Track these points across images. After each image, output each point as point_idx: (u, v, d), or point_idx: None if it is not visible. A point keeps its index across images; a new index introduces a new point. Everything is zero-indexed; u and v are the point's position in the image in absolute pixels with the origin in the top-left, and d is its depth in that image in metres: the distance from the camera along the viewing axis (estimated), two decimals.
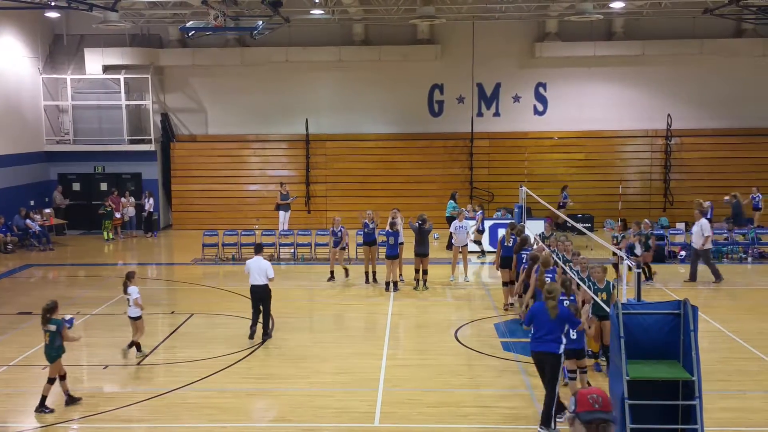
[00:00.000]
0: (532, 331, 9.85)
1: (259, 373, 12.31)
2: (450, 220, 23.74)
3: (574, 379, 10.73)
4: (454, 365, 12.57)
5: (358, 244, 20.01)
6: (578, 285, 12.17)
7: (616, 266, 17.12)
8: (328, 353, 13.30)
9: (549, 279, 13.02)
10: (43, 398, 10.68)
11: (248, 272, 14.10)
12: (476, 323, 15.37)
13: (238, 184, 29.17)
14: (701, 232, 19.10)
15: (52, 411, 10.58)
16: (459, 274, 19.74)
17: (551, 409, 9.59)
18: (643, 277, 17.78)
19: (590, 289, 11.96)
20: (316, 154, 29.00)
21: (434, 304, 17.24)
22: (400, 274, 19.25)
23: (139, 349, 13.14)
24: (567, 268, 12.76)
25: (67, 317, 11.18)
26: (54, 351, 10.87)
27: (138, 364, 12.72)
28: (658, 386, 8.79)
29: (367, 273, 18.39)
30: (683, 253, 22.15)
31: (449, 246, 23.27)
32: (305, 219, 28.54)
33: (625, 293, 10.53)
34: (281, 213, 25.90)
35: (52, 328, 10.85)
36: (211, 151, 29.14)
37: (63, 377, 10.94)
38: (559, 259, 13.74)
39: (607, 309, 11.18)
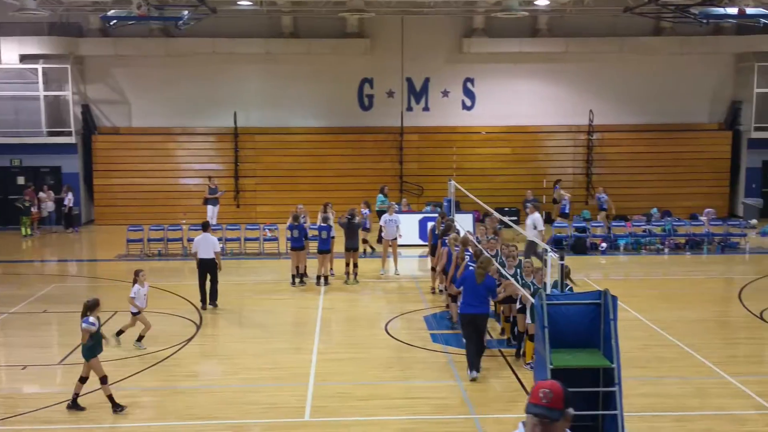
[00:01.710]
0: (462, 297, 11.85)
1: (187, 370, 12.19)
2: (380, 214, 23.88)
3: None
4: (384, 358, 12.71)
5: (288, 239, 19.91)
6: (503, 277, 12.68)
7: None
8: (258, 349, 13.27)
9: (468, 256, 13.73)
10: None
11: (196, 249, 16.09)
12: (406, 316, 15.55)
13: (163, 177, 28.67)
14: (533, 226, 19.19)
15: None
16: (389, 267, 19.93)
17: (480, 357, 11.79)
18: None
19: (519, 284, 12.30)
20: (245, 147, 28.74)
21: (365, 298, 17.36)
22: (331, 268, 19.32)
23: (140, 339, 13.33)
24: (509, 276, 12.90)
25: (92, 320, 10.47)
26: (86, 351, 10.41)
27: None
28: (581, 374, 9.11)
29: (294, 275, 18.29)
30: (604, 245, 22.84)
31: (379, 239, 23.44)
32: (234, 213, 28.25)
33: (549, 284, 10.85)
34: (209, 207, 25.59)
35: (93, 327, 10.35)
36: (136, 144, 28.54)
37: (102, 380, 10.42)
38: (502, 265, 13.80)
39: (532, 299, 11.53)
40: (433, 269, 17.17)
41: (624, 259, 22.52)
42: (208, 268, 16.09)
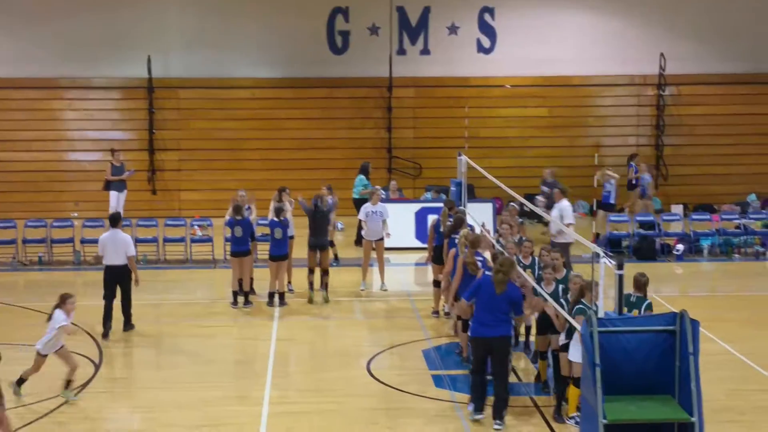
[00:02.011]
0: (475, 312, 12.15)
1: (78, 430, 12.18)
2: (359, 203, 23.91)
3: None
4: (366, 410, 12.70)
5: (227, 239, 19.89)
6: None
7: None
8: (185, 397, 13.24)
9: (480, 261, 13.82)
10: None
11: (102, 250, 16.32)
12: (398, 350, 15.54)
13: (45, 152, 28.57)
14: (560, 219, 19.19)
15: None
16: (373, 279, 19.93)
17: (507, 399, 11.97)
18: None
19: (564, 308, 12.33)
20: (164, 108, 28.66)
21: (338, 324, 17.34)
22: (289, 282, 19.30)
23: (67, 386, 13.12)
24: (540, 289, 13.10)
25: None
26: None
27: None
28: (647, 430, 9.21)
29: (236, 292, 18.29)
30: (680, 246, 22.99)
31: (359, 240, 23.45)
32: (149, 203, 28.18)
33: (602, 304, 10.94)
34: (113, 194, 25.45)
35: None
36: (4, 102, 28.39)
37: None
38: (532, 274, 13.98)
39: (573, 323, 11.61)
40: (437, 283, 17.21)
41: (709, 268, 22.67)
42: (117, 278, 16.26)
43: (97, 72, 28.78)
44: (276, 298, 18.23)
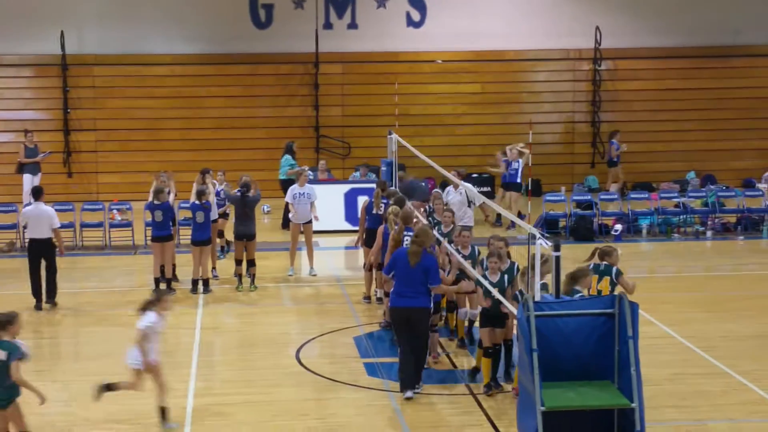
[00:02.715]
0: (394, 285, 12.62)
1: None
2: (286, 184, 23.78)
3: None
4: (296, 401, 12.66)
5: (148, 224, 19.64)
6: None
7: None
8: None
9: (409, 237, 13.78)
10: None
11: (25, 224, 17.31)
12: (328, 338, 15.52)
13: None
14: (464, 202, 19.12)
15: None
16: (301, 264, 19.89)
17: (421, 369, 12.66)
18: None
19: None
20: (79, 86, 28.30)
21: (265, 311, 17.25)
22: (214, 267, 19.15)
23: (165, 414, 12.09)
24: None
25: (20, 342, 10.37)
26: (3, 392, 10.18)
27: None
28: (586, 418, 9.27)
29: (158, 279, 18.05)
30: (618, 227, 23.21)
31: (285, 224, 23.33)
32: (64, 186, 27.79)
33: (538, 286, 10.97)
34: (26, 177, 25.12)
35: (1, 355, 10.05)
36: None
37: None
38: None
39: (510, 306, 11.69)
40: (370, 267, 17.18)
41: (648, 248, 22.95)
42: (42, 252, 17.01)
43: (8, 48, 28.29)
44: (200, 285, 18.08)
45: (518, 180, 24.11)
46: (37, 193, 17.45)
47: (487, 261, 12.96)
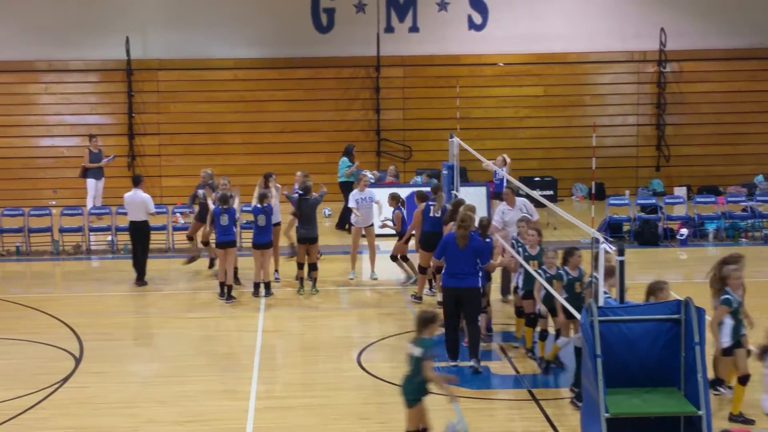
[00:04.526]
0: (445, 266, 13.66)
1: (60, 425, 12.11)
2: (345, 186, 23.83)
3: None
4: (357, 404, 12.67)
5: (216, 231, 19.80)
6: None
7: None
8: (166, 393, 13.19)
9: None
10: None
11: (126, 208, 19.13)
12: (389, 341, 15.50)
13: (21, 137, 28.58)
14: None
15: None
16: (362, 268, 19.93)
17: (477, 345, 13.64)
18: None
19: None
20: (144, 90, 28.60)
21: (327, 315, 17.28)
22: (276, 270, 19.23)
23: None
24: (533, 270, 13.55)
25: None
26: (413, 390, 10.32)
27: None
28: (651, 425, 9.16)
29: (222, 284, 18.13)
30: (684, 231, 22.97)
31: (341, 224, 23.43)
32: (128, 190, 27.98)
33: (602, 291, 10.87)
34: (91, 182, 25.42)
35: (417, 352, 10.20)
36: None
37: None
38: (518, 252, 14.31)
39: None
40: (423, 269, 17.31)
41: (715, 253, 22.57)
42: (137, 234, 18.97)
43: (74, 54, 28.71)
44: (261, 288, 18.15)
45: (500, 190, 22.12)
46: (136, 180, 19.50)
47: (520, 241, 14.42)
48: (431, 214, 17.23)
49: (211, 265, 19.91)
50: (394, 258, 18.87)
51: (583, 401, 9.90)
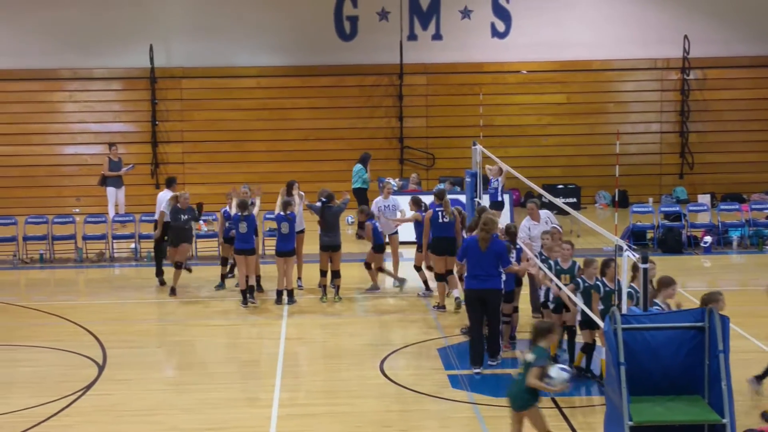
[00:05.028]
0: (468, 269, 14.09)
1: None
2: (359, 193, 23.86)
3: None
4: (379, 412, 12.67)
5: (225, 234, 19.80)
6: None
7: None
8: (190, 400, 13.25)
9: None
10: None
11: (160, 206, 19.69)
12: (412, 349, 15.51)
13: (45, 144, 28.69)
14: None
15: None
16: (385, 275, 19.87)
17: (498, 345, 14.34)
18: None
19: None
20: (167, 98, 28.70)
21: (349, 322, 17.30)
22: (299, 278, 19.26)
23: None
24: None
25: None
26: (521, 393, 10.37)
27: None
28: None
29: (244, 291, 18.18)
30: (708, 239, 22.87)
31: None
32: (152, 197, 27.95)
33: (625, 298, 10.85)
34: (110, 190, 25.44)
35: (530, 357, 10.26)
36: (3, 94, 28.49)
37: None
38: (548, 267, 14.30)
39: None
40: (441, 277, 17.42)
41: (739, 260, 22.55)
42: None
43: (98, 62, 28.85)
44: (284, 296, 18.19)
45: (499, 198, 22.36)
46: (169, 182, 20.68)
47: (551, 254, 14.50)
48: (440, 220, 17.40)
49: (230, 271, 19.89)
50: (417, 268, 18.86)
51: (607, 409, 9.88)
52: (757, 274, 21.09)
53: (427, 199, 21.12)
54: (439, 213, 17.49)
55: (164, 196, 20.00)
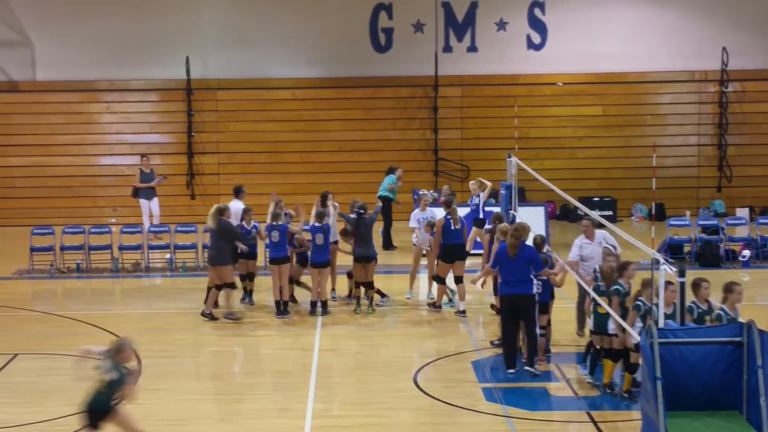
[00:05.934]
0: (501, 276, 14.50)
1: None
2: (385, 200, 23.84)
3: None
4: (412, 425, 12.65)
5: (267, 246, 19.86)
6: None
7: None
8: (224, 410, 13.32)
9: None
10: None
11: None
12: (445, 361, 15.48)
13: (82, 155, 28.89)
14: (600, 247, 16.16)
15: None
16: (420, 287, 19.90)
17: (535, 348, 14.40)
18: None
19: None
20: (203, 110, 28.84)
21: (383, 334, 17.32)
22: (333, 289, 19.27)
23: None
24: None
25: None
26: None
27: None
28: None
29: (278, 302, 18.16)
30: (746, 252, 22.68)
31: (388, 245, 23.43)
32: (187, 208, 28.31)
33: (662, 313, 10.76)
34: (143, 202, 25.42)
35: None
36: (42, 105, 28.75)
37: None
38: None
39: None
40: (440, 279, 18.09)
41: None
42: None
43: (135, 74, 29.05)
44: (318, 307, 18.18)
45: (480, 215, 21.53)
46: (237, 191, 20.70)
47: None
48: (452, 228, 17.81)
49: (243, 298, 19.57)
50: (438, 279, 18.56)
51: (642, 424, 9.78)
52: None
53: (462, 212, 21.10)
54: (450, 221, 17.91)
55: (237, 206, 19.89)
